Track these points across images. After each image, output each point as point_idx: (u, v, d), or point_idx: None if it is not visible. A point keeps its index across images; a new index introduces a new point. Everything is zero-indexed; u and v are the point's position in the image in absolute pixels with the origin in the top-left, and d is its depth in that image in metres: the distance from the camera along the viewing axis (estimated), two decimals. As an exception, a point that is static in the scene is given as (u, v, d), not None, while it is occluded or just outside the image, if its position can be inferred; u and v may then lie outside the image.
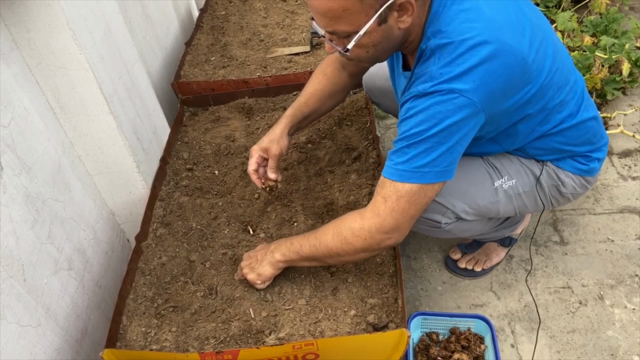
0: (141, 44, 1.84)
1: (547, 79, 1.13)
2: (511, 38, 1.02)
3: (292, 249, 1.19)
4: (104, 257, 1.43)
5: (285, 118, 1.42)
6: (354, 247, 1.13)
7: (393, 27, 1.04)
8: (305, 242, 1.18)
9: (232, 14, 2.37)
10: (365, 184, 1.48)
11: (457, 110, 1.01)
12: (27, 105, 1.16)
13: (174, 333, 1.17)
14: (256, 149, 1.38)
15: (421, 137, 1.03)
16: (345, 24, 1.01)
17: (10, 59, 1.13)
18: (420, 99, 1.04)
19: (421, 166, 1.05)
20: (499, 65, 1.01)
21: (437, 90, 1.01)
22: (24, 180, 1.10)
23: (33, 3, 1.12)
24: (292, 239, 1.22)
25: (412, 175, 1.06)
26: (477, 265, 1.66)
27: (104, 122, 1.33)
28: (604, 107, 2.26)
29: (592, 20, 2.51)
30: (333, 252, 1.15)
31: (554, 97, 1.17)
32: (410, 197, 1.07)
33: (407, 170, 1.06)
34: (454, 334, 1.46)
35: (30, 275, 1.08)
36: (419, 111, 1.04)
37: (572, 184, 1.36)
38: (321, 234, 1.16)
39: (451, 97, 1.01)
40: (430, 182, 1.07)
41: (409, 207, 1.09)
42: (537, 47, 1.09)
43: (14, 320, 1.00)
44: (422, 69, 1.06)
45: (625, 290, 1.59)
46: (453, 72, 1.00)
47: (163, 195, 1.52)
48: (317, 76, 1.46)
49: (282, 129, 1.40)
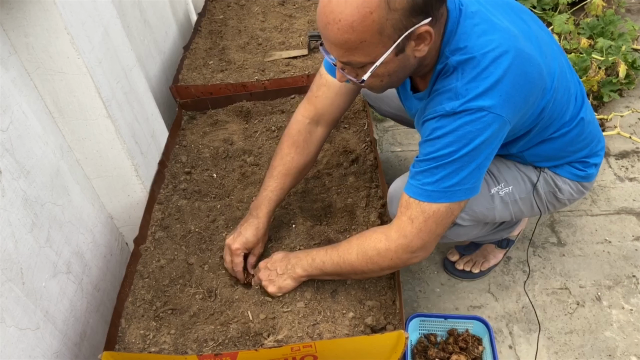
0: (139, 48, 1.85)
1: (557, 82, 1.13)
2: (527, 46, 1.03)
3: (315, 265, 1.18)
4: (103, 261, 1.44)
5: (264, 211, 1.31)
6: (380, 267, 1.12)
7: (409, 56, 1.01)
8: (327, 259, 1.16)
9: (230, 18, 2.38)
10: (363, 187, 1.48)
11: (487, 128, 1.00)
12: (26, 110, 1.16)
13: (172, 335, 1.18)
14: (239, 247, 1.27)
15: (451, 158, 1.02)
16: (361, 55, 0.97)
17: (9, 63, 1.14)
18: (448, 118, 1.01)
19: (451, 186, 1.04)
20: (521, 75, 1.01)
21: (466, 109, 0.99)
22: (22, 184, 1.11)
23: (31, 8, 1.12)
24: (313, 253, 1.19)
25: (441, 196, 1.04)
26: (474, 266, 1.67)
27: (102, 126, 1.34)
28: (600, 109, 2.27)
29: (588, 22, 2.52)
30: (358, 270, 1.14)
31: (557, 102, 1.18)
32: (437, 217, 1.06)
33: (436, 191, 1.04)
34: (452, 335, 1.46)
35: (29, 279, 1.09)
36: (448, 132, 1.01)
37: (569, 190, 1.37)
38: (344, 252, 1.14)
39: (480, 116, 0.99)
40: (459, 200, 1.06)
41: (436, 227, 1.07)
42: (545, 53, 1.10)
43: (12, 324, 1.00)
44: (444, 84, 1.04)
45: (622, 291, 1.60)
46: (479, 88, 0.99)
47: (161, 199, 1.53)
48: (289, 149, 1.34)
49: (266, 226, 1.31)
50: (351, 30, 0.93)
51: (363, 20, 0.91)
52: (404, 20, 0.93)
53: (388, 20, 0.92)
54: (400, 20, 0.93)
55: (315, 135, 1.35)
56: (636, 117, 2.23)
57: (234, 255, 1.27)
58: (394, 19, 0.92)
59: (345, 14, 0.92)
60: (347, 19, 0.92)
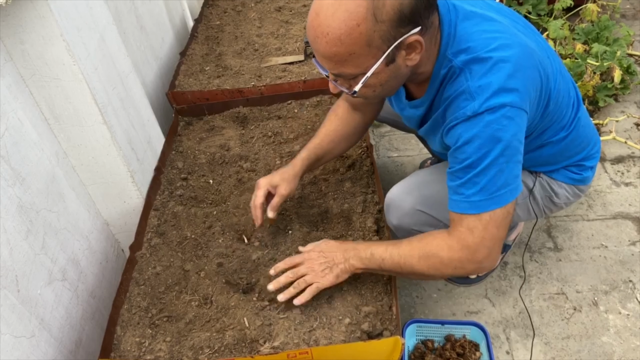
0: (136, 55, 1.85)
1: (557, 85, 1.14)
2: (527, 40, 1.04)
3: (374, 260, 1.15)
4: (98, 268, 1.43)
5: (299, 161, 1.37)
6: (442, 273, 1.12)
7: (401, 65, 1.01)
8: (388, 256, 1.13)
9: (226, 24, 2.38)
10: (360, 192, 1.48)
11: (512, 123, 1.00)
12: (21, 116, 1.16)
13: (168, 343, 1.17)
14: (265, 183, 1.33)
15: (486, 162, 1.00)
16: (351, 67, 0.98)
17: (5, 70, 1.13)
18: (472, 121, 1.00)
19: (496, 190, 1.02)
20: (529, 67, 1.02)
21: (487, 108, 0.98)
22: (17, 190, 1.10)
23: (27, 15, 1.12)
24: (372, 247, 1.16)
25: (490, 204, 1.03)
26: (472, 272, 1.67)
27: (98, 132, 1.33)
28: (596, 113, 2.28)
29: (583, 28, 2.54)
30: (418, 272, 1.12)
31: (557, 103, 1.18)
32: (495, 221, 1.04)
33: (484, 200, 1.03)
34: (449, 341, 1.46)
35: (24, 286, 1.08)
36: (475, 135, 1.00)
37: (565, 194, 1.37)
38: (407, 254, 1.12)
39: (503, 112, 0.98)
40: (508, 202, 1.04)
41: (498, 231, 1.06)
42: (546, 56, 1.11)
43: (7, 331, 1.00)
44: (455, 88, 1.03)
45: (619, 296, 1.60)
46: (494, 85, 0.98)
47: (157, 205, 1.53)
48: (330, 117, 1.42)
49: (297, 172, 1.35)
50: (339, 43, 0.93)
51: (350, 32, 0.92)
52: (392, 31, 0.93)
53: (375, 32, 0.92)
54: (388, 31, 0.93)
55: (355, 116, 1.39)
56: (631, 122, 2.23)
57: (257, 189, 1.32)
58: (381, 30, 0.92)
59: (333, 27, 0.92)
60: (334, 32, 0.92)
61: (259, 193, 1.32)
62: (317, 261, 1.18)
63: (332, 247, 1.20)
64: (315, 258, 1.18)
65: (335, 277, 1.16)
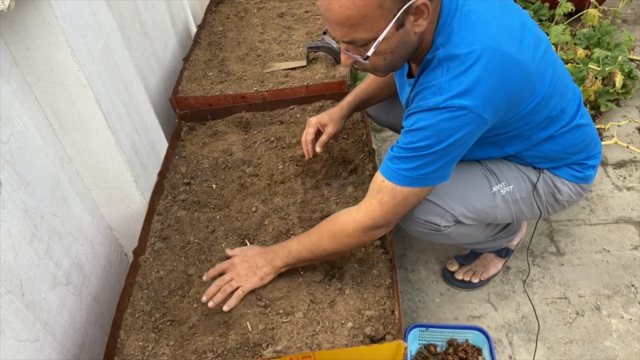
0: (139, 60, 1.86)
1: (549, 87, 1.17)
2: (515, 50, 1.06)
3: (292, 256, 1.25)
4: (102, 272, 1.44)
5: (346, 104, 1.52)
6: (349, 246, 1.22)
7: (410, 31, 1.06)
8: (302, 248, 1.24)
9: (229, 30, 2.40)
10: (362, 197, 1.48)
11: (465, 126, 1.06)
12: (26, 122, 1.17)
13: (171, 347, 1.17)
14: (315, 121, 1.48)
15: (428, 151, 1.08)
16: (364, 31, 1.02)
17: (10, 76, 1.15)
18: (431, 112, 1.06)
19: (425, 174, 1.11)
20: (504, 78, 1.05)
21: (448, 106, 1.04)
22: (22, 195, 1.11)
23: (33, 22, 1.14)
24: (288, 245, 1.27)
25: (413, 181, 1.12)
26: (474, 276, 1.67)
27: (102, 137, 1.34)
28: (597, 118, 2.28)
29: (585, 33, 2.54)
30: (330, 252, 1.23)
31: (557, 105, 1.22)
32: (406, 201, 1.15)
33: (410, 177, 1.11)
34: (452, 345, 1.46)
35: (29, 290, 1.09)
36: (428, 125, 1.06)
37: (568, 192, 1.39)
38: (316, 239, 1.22)
39: (461, 114, 1.04)
40: (428, 185, 1.15)
41: (402, 210, 1.18)
42: (540, 57, 1.14)
43: (12, 335, 1.01)
44: (429, 78, 1.09)
45: (621, 300, 1.60)
46: (462, 86, 1.03)
47: (161, 210, 1.53)
48: None
49: (344, 113, 1.51)
50: (352, 6, 0.98)
51: None
52: None
53: None
54: None
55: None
56: (633, 127, 2.24)
57: (308, 126, 1.49)
58: None
59: None
60: None
61: (309, 130, 1.49)
62: (241, 266, 1.28)
63: (254, 253, 1.30)
64: (239, 263, 1.28)
65: (260, 280, 1.26)
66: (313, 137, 1.50)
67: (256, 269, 1.26)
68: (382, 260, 1.31)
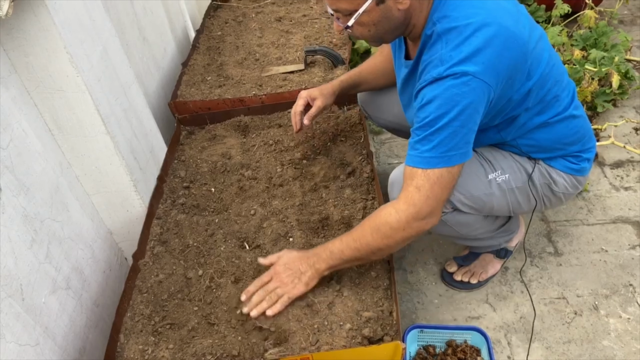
0: (138, 65, 1.87)
1: (546, 69, 1.21)
2: (512, 25, 1.11)
3: (334, 256, 1.21)
4: (102, 276, 1.45)
5: (338, 82, 1.58)
6: (395, 240, 1.18)
7: (392, 7, 1.12)
8: (345, 246, 1.21)
9: (227, 34, 2.41)
10: (360, 199, 1.50)
11: (472, 92, 1.08)
12: (26, 127, 1.18)
13: (171, 350, 1.18)
14: (305, 94, 1.54)
15: (442, 122, 1.10)
16: (346, 3, 1.12)
17: (9, 82, 1.16)
18: (436, 83, 1.10)
19: (447, 150, 1.12)
20: (503, 47, 1.09)
21: (451, 74, 1.08)
22: (22, 200, 1.12)
23: (31, 28, 1.15)
24: (329, 245, 1.23)
25: (440, 161, 1.12)
26: (473, 277, 1.68)
27: (101, 142, 1.35)
28: (594, 119, 2.29)
29: (581, 34, 2.55)
30: (375, 249, 1.19)
31: (551, 89, 1.25)
32: (441, 182, 1.14)
33: (435, 157, 1.12)
34: (451, 346, 1.47)
35: (29, 295, 1.10)
36: (435, 96, 1.10)
37: (563, 183, 1.41)
38: (359, 235, 1.19)
39: (465, 80, 1.07)
40: (456, 163, 1.14)
41: (442, 192, 1.15)
42: (537, 39, 1.18)
43: (12, 340, 1.01)
44: (430, 54, 1.13)
45: (619, 300, 1.60)
46: (462, 54, 1.07)
47: (160, 214, 1.54)
48: (376, 54, 1.60)
49: (334, 89, 1.56)
50: None
51: None
52: None
53: None
54: None
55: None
56: (630, 127, 2.25)
57: (298, 99, 1.54)
58: None
59: None
60: None
61: (299, 102, 1.54)
62: (284, 274, 1.23)
63: (295, 258, 1.25)
64: (282, 271, 1.24)
65: (305, 286, 1.22)
66: (302, 109, 1.54)
67: (300, 275, 1.22)
68: (380, 262, 1.31)
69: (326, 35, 2.30)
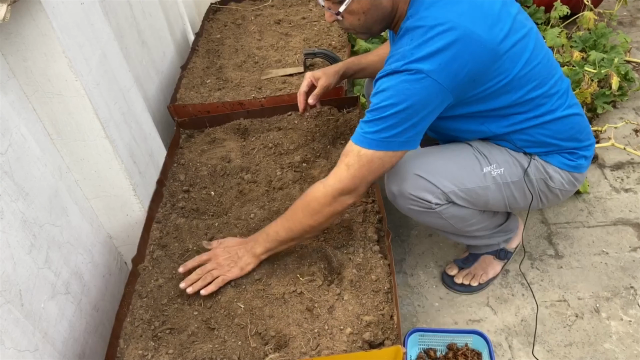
0: (137, 69, 1.87)
1: (523, 70, 1.23)
2: (482, 29, 1.14)
3: (270, 238, 1.28)
4: (102, 281, 1.44)
5: (342, 63, 1.64)
6: (324, 215, 1.24)
7: None
8: (279, 227, 1.27)
9: (227, 37, 2.41)
10: (360, 202, 1.49)
11: (423, 90, 1.13)
12: (24, 132, 1.18)
13: (171, 355, 1.18)
14: (309, 75, 1.57)
15: (390, 112, 1.14)
16: None
17: (8, 87, 1.15)
18: (392, 75, 1.15)
19: (388, 137, 1.17)
20: (465, 52, 1.12)
21: (407, 69, 1.13)
22: (21, 205, 1.12)
23: (30, 33, 1.14)
24: (265, 229, 1.30)
25: (378, 144, 1.18)
26: (473, 279, 1.67)
27: (100, 146, 1.35)
28: (594, 120, 2.29)
29: (580, 36, 2.55)
30: (307, 227, 1.25)
31: (535, 88, 1.27)
32: (370, 165, 1.19)
33: (375, 140, 1.17)
34: (452, 350, 1.46)
35: (28, 300, 1.09)
36: (389, 87, 1.15)
37: (560, 180, 1.41)
38: (291, 215, 1.26)
39: (418, 77, 1.12)
40: (392, 150, 1.19)
41: (368, 174, 1.21)
42: (515, 41, 1.20)
43: (11, 345, 1.01)
44: (397, 46, 1.19)
45: (621, 302, 1.60)
46: (422, 53, 1.12)
47: (160, 218, 1.54)
48: (385, 43, 1.66)
49: (338, 70, 1.60)
50: None
51: None
52: None
53: None
54: None
55: None
56: (630, 129, 2.24)
57: (304, 80, 1.57)
58: None
59: None
60: None
61: (304, 83, 1.58)
62: (222, 257, 1.30)
63: (234, 243, 1.33)
64: (220, 254, 1.31)
65: (240, 270, 1.29)
66: (306, 89, 1.57)
67: (237, 259, 1.29)
68: (380, 265, 1.31)
69: (325, 37, 2.30)
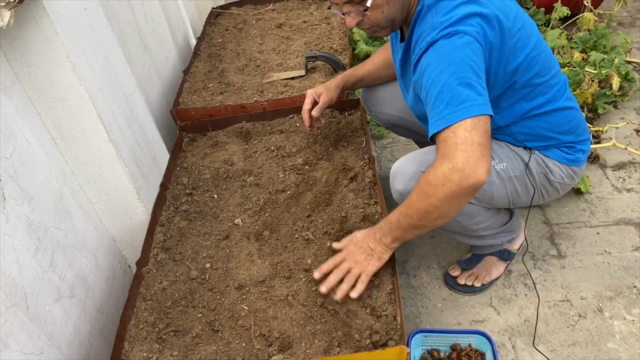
0: (140, 74, 1.88)
1: (532, 52, 1.25)
2: (497, 7, 1.17)
3: (394, 227, 1.21)
4: (106, 284, 1.45)
5: (341, 76, 1.66)
6: (438, 198, 1.12)
7: None
8: (400, 215, 1.20)
9: (228, 42, 2.42)
10: (362, 204, 1.50)
11: (465, 45, 1.12)
12: (29, 137, 1.19)
13: (175, 357, 1.18)
14: (311, 92, 1.60)
15: (444, 78, 1.11)
16: None
17: (12, 92, 1.16)
18: (431, 48, 1.15)
19: (461, 102, 1.10)
20: (489, 20, 1.15)
21: (443, 35, 1.13)
22: (26, 209, 1.13)
23: (34, 38, 1.16)
24: (388, 217, 1.23)
25: (460, 114, 1.09)
26: (477, 280, 1.68)
27: (104, 150, 1.36)
28: (595, 121, 2.29)
29: (581, 36, 2.56)
30: (423, 211, 1.15)
31: (539, 74, 1.29)
32: (465, 128, 1.09)
33: (453, 112, 1.10)
34: (455, 350, 1.46)
35: (33, 304, 1.10)
36: (432, 58, 1.14)
37: (559, 173, 1.43)
38: (409, 201, 1.18)
39: (458, 37, 1.12)
40: (476, 114, 1.09)
41: (471, 135, 1.08)
42: (521, 25, 1.23)
43: (17, 349, 1.01)
44: (422, 25, 1.19)
45: (624, 301, 1.60)
46: (453, 18, 1.13)
47: (163, 221, 1.55)
48: (379, 50, 1.68)
49: (338, 83, 1.63)
50: None
51: None
52: None
53: None
54: None
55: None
56: (631, 129, 2.25)
57: (306, 97, 1.59)
58: None
59: None
60: None
61: (306, 101, 1.59)
62: (357, 253, 1.25)
63: (363, 237, 1.27)
64: (354, 251, 1.25)
65: (378, 260, 1.24)
66: (310, 106, 1.59)
67: (371, 251, 1.24)
68: (383, 267, 1.31)
69: (326, 41, 2.31)
